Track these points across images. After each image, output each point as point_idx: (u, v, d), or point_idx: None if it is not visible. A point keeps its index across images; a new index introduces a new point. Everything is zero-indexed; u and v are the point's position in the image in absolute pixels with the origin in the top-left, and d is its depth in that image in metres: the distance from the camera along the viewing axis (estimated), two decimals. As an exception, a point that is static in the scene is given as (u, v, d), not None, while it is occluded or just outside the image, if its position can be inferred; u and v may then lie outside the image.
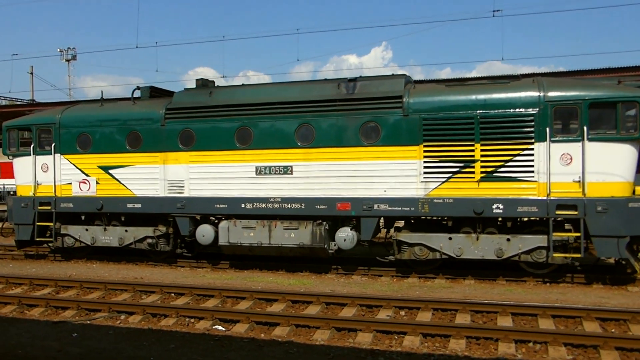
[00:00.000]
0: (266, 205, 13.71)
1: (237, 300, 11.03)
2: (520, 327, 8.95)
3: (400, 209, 12.82)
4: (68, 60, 57.50)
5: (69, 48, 57.29)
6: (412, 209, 12.72)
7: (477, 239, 12.58)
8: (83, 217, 15.81)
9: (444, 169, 12.55)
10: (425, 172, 12.64)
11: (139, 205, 14.79)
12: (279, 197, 13.63)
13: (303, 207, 13.43)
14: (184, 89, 15.21)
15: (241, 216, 13.98)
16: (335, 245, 13.51)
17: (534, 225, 12.61)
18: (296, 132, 13.50)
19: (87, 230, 15.59)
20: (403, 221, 13.54)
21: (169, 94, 16.57)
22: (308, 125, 13.44)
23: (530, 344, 8.18)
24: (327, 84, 13.84)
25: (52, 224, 15.71)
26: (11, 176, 31.16)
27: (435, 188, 12.61)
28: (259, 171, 13.80)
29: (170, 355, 7.96)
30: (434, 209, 12.62)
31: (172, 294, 11.60)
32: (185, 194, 14.41)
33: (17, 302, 10.93)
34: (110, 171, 15.07)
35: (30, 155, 15.87)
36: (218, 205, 14.09)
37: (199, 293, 11.47)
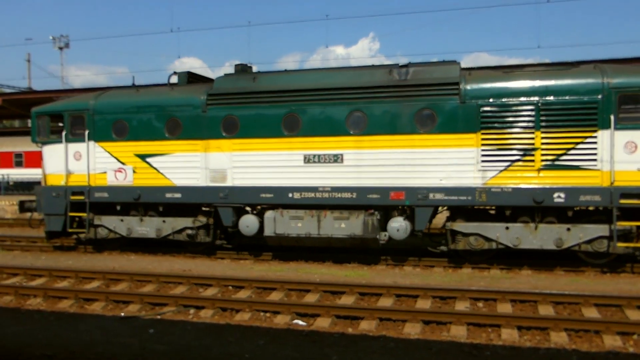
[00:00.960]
0: (315, 194, 13.33)
1: (301, 293, 10.67)
2: (620, 319, 8.70)
3: (456, 198, 12.53)
4: (61, 48, 56.27)
5: (61, 35, 56.10)
6: (469, 198, 12.44)
7: (536, 228, 12.34)
8: (118, 208, 15.26)
9: (503, 157, 12.26)
10: (483, 161, 12.34)
11: (179, 195, 14.32)
12: (328, 186, 13.25)
13: (354, 196, 13.08)
14: (224, 74, 14.70)
15: (288, 206, 13.58)
16: (385, 235, 13.18)
17: (592, 215, 12.40)
18: (347, 119, 13.11)
19: (122, 221, 15.08)
20: (449, 211, 13.23)
21: (206, 79, 16.09)
22: (360, 112, 13.05)
23: (635, 336, 7.96)
24: (378, 69, 13.45)
25: (84, 214, 15.16)
26: (37, 165, 30.48)
27: (494, 177, 12.32)
28: (308, 159, 13.39)
29: (264, 352, 7.60)
30: (492, 198, 12.34)
31: (230, 287, 11.22)
32: (228, 183, 13.96)
33: (74, 296, 10.46)
34: (148, 159, 14.55)
35: (61, 142, 15.28)
36: (263, 195, 13.68)
37: (259, 286, 11.08)
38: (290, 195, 13.47)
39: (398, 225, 12.95)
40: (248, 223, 13.94)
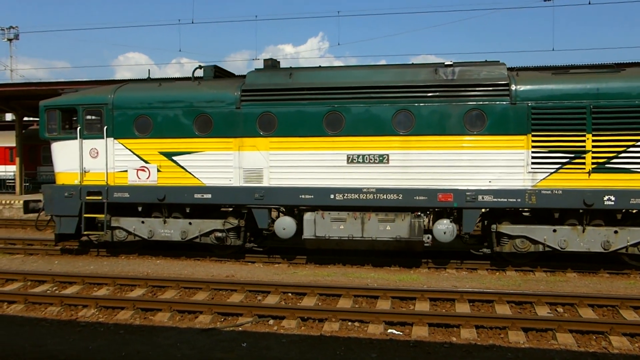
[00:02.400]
0: (358, 196, 12.90)
1: (370, 300, 10.26)
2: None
3: (506, 200, 12.40)
4: (10, 40, 53.26)
5: (11, 27, 53.10)
6: (519, 200, 12.33)
7: (583, 231, 12.36)
8: (140, 209, 14.31)
9: (553, 159, 12.22)
10: (533, 163, 12.26)
11: (209, 196, 13.56)
12: (373, 188, 12.85)
13: (400, 198, 12.74)
14: (255, 69, 14.04)
15: (328, 207, 13.09)
16: (429, 238, 12.91)
17: (637, 217, 12.54)
18: (393, 118, 12.75)
19: (143, 222, 14.15)
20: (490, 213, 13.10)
21: (231, 74, 15.36)
22: (407, 111, 12.72)
23: None
24: (422, 68, 13.15)
25: (101, 215, 14.16)
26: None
27: (543, 179, 12.27)
28: (351, 160, 12.95)
29: (384, 366, 7.16)
30: (542, 201, 12.27)
31: (289, 294, 10.66)
32: (265, 184, 13.33)
33: (132, 306, 9.62)
34: (175, 158, 13.72)
35: (76, 139, 14.21)
36: (303, 196, 13.13)
37: (321, 292, 10.58)
38: (332, 196, 12.99)
39: (445, 228, 12.71)
40: (285, 225, 13.35)
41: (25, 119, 40.51)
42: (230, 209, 14.07)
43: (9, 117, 44.34)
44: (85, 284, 11.37)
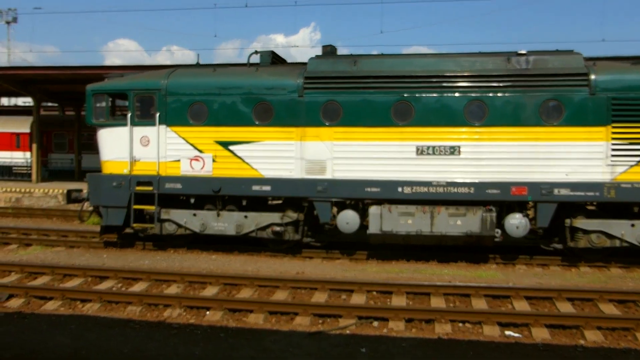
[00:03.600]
0: (428, 189, 12.38)
1: (463, 299, 9.78)
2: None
3: (583, 194, 11.98)
4: (8, 22, 51.80)
5: (9, 9, 51.64)
6: (597, 194, 11.92)
7: (663, 226, 11.98)
8: (192, 201, 13.64)
9: (634, 151, 11.82)
10: (613, 155, 11.85)
11: (268, 188, 12.95)
12: (443, 181, 12.34)
13: (472, 191, 12.25)
14: (315, 56, 13.38)
15: (395, 201, 12.56)
16: (499, 232, 12.45)
17: None
18: (465, 108, 12.23)
19: (195, 215, 13.50)
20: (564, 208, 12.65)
21: (284, 61, 14.73)
22: (479, 101, 12.21)
23: None
24: (494, 57, 12.62)
25: (151, 207, 13.48)
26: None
27: (624, 172, 11.87)
28: (421, 151, 12.42)
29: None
30: (622, 194, 11.87)
31: (374, 292, 10.13)
32: (328, 176, 12.75)
33: (219, 306, 9.02)
34: (231, 147, 13.07)
35: (125, 125, 13.49)
36: (369, 189, 12.58)
37: (409, 291, 10.07)
38: (399, 189, 12.46)
39: (517, 222, 12.26)
40: (348, 219, 12.80)
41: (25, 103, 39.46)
42: (282, 202, 13.44)
43: (13, 101, 43.18)
44: (152, 281, 10.72)
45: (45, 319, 8.31)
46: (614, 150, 11.84)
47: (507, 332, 8.16)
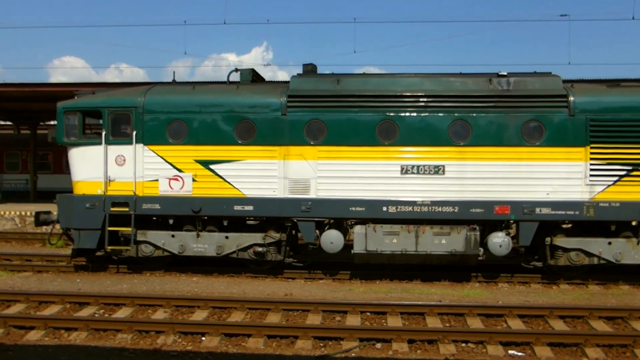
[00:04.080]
0: (412, 208, 12.39)
1: (458, 318, 9.75)
2: None
3: (564, 212, 12.23)
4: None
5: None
6: (577, 212, 12.19)
7: (638, 243, 12.34)
8: (171, 222, 13.20)
9: (611, 171, 12.16)
10: (591, 175, 12.16)
11: (250, 208, 12.68)
12: (428, 200, 12.37)
13: (456, 210, 12.32)
14: (297, 74, 13.29)
15: (380, 220, 12.50)
16: (481, 251, 12.55)
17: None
18: (450, 128, 12.35)
19: (173, 236, 13.06)
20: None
21: (262, 79, 14.57)
22: (463, 121, 12.36)
23: None
24: (476, 78, 12.83)
25: (127, 229, 12.96)
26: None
27: (602, 191, 12.19)
28: (405, 170, 12.44)
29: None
30: (600, 213, 12.18)
31: (368, 313, 9.97)
32: (312, 195, 12.59)
33: (215, 331, 8.65)
34: (212, 166, 12.75)
35: (100, 144, 12.98)
36: (353, 208, 12.48)
37: (403, 311, 9.96)
38: (384, 208, 12.41)
39: (500, 241, 12.38)
40: (332, 239, 12.65)
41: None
42: (263, 222, 13.18)
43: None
44: (136, 306, 10.23)
45: (32, 350, 7.75)
46: (592, 170, 12.15)
47: (511, 352, 8.14)
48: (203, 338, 8.54)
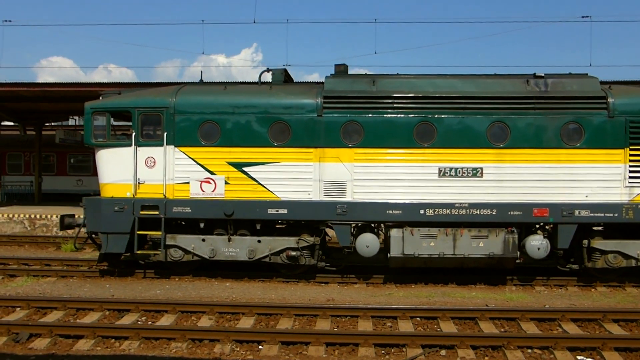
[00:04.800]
0: (450, 211, 12.21)
1: (510, 322, 9.57)
2: None
3: (602, 215, 12.12)
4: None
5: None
6: (616, 215, 12.09)
7: (676, 246, 12.27)
8: (202, 225, 12.90)
9: (650, 174, 12.08)
10: (630, 177, 12.07)
11: (285, 211, 12.41)
12: (466, 203, 12.20)
13: (494, 213, 12.16)
14: (331, 75, 13.06)
15: (417, 224, 12.29)
16: (519, 254, 12.40)
17: None
18: (488, 130, 12.19)
19: (204, 240, 12.75)
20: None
21: (292, 79, 14.33)
22: (502, 123, 12.20)
23: None
24: (513, 79, 12.72)
25: (157, 233, 12.65)
26: None
27: (640, 194, 12.10)
28: (443, 173, 12.26)
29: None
30: (639, 215, 12.08)
31: (418, 318, 9.74)
32: (348, 198, 12.36)
33: (272, 339, 8.38)
34: (246, 169, 12.47)
35: (129, 146, 12.64)
36: (390, 212, 12.27)
37: (454, 315, 9.75)
38: (422, 211, 12.22)
39: (539, 244, 12.24)
40: (368, 242, 12.43)
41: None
42: (294, 225, 12.93)
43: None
44: (178, 313, 9.92)
45: (89, 361, 7.44)
46: (631, 172, 12.06)
47: (580, 357, 7.96)
48: (260, 347, 8.25)
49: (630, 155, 12.06)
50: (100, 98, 13.45)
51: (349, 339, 8.45)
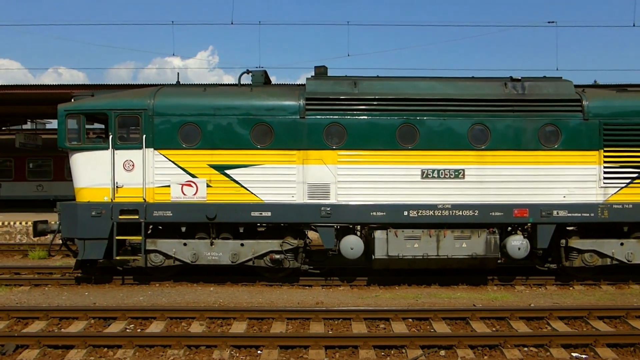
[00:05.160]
0: (433, 212, 12.32)
1: (500, 322, 9.70)
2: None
3: (580, 215, 12.46)
4: None
5: None
6: (592, 215, 12.45)
7: (648, 244, 12.71)
8: (183, 229, 12.62)
9: (624, 174, 12.49)
10: (605, 178, 12.45)
11: (268, 214, 12.28)
12: (448, 204, 12.34)
13: (476, 214, 12.35)
14: (311, 77, 13.02)
15: (400, 225, 12.36)
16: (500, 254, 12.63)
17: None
18: (469, 132, 12.37)
19: (185, 245, 12.49)
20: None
21: (270, 81, 14.21)
22: (482, 125, 12.41)
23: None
24: (491, 82, 12.96)
25: (136, 237, 12.31)
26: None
27: (615, 194, 12.50)
28: (426, 174, 12.36)
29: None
30: (614, 215, 12.48)
31: (410, 319, 9.77)
32: (332, 200, 12.32)
33: (270, 343, 8.24)
34: (228, 171, 12.28)
35: (106, 149, 12.27)
36: (374, 213, 12.30)
37: (445, 316, 9.82)
38: (405, 213, 12.29)
39: (519, 244, 12.48)
40: (352, 244, 12.42)
41: None
42: (277, 228, 12.81)
43: None
44: (167, 319, 9.65)
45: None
46: (606, 173, 12.44)
47: (575, 354, 8.12)
48: (259, 352, 8.11)
49: (605, 156, 12.44)
50: (72, 100, 13.03)
51: (348, 341, 8.39)
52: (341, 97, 12.39)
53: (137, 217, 12.19)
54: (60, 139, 12.43)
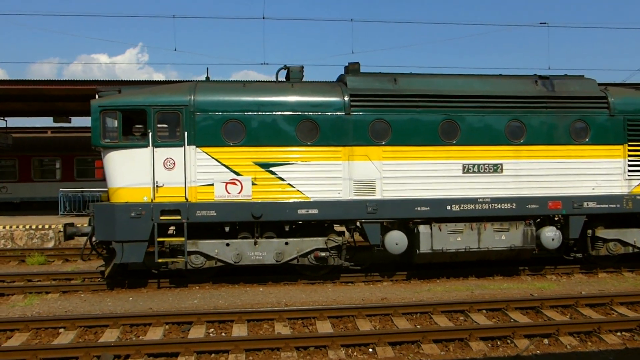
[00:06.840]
0: (474, 206, 12.59)
1: (567, 309, 10.07)
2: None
3: (607, 206, 13.10)
4: None
5: None
6: (618, 205, 13.12)
7: (668, 232, 13.53)
8: (227, 229, 12.20)
9: (646, 167, 13.24)
10: (629, 170, 13.16)
11: (315, 211, 12.12)
12: (488, 197, 12.65)
13: (514, 207, 12.72)
14: (349, 73, 12.95)
15: (443, 219, 12.55)
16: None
17: None
18: (506, 127, 12.73)
19: (228, 245, 12.11)
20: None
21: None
22: (518, 121, 12.80)
23: None
24: (522, 79, 13.39)
25: (179, 239, 11.84)
26: None
27: (638, 185, 13.22)
28: (467, 169, 12.61)
29: None
30: (637, 205, 13.20)
31: (484, 310, 9.97)
32: (377, 196, 12.32)
33: (332, 343, 8.17)
34: (274, 169, 12.02)
35: (145, 147, 11.69)
36: (419, 208, 12.41)
37: (522, 307, 10.09)
38: (448, 207, 12.49)
39: (553, 235, 12.97)
40: (397, 240, 12.48)
41: None
42: (320, 225, 12.70)
43: None
44: (244, 322, 9.33)
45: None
46: (630, 166, 13.15)
47: None
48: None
49: (629, 150, 13.14)
50: (97, 96, 12.33)
51: (461, 333, 8.46)
52: (385, 94, 12.41)
53: (179, 217, 11.71)
54: (95, 137, 11.74)
